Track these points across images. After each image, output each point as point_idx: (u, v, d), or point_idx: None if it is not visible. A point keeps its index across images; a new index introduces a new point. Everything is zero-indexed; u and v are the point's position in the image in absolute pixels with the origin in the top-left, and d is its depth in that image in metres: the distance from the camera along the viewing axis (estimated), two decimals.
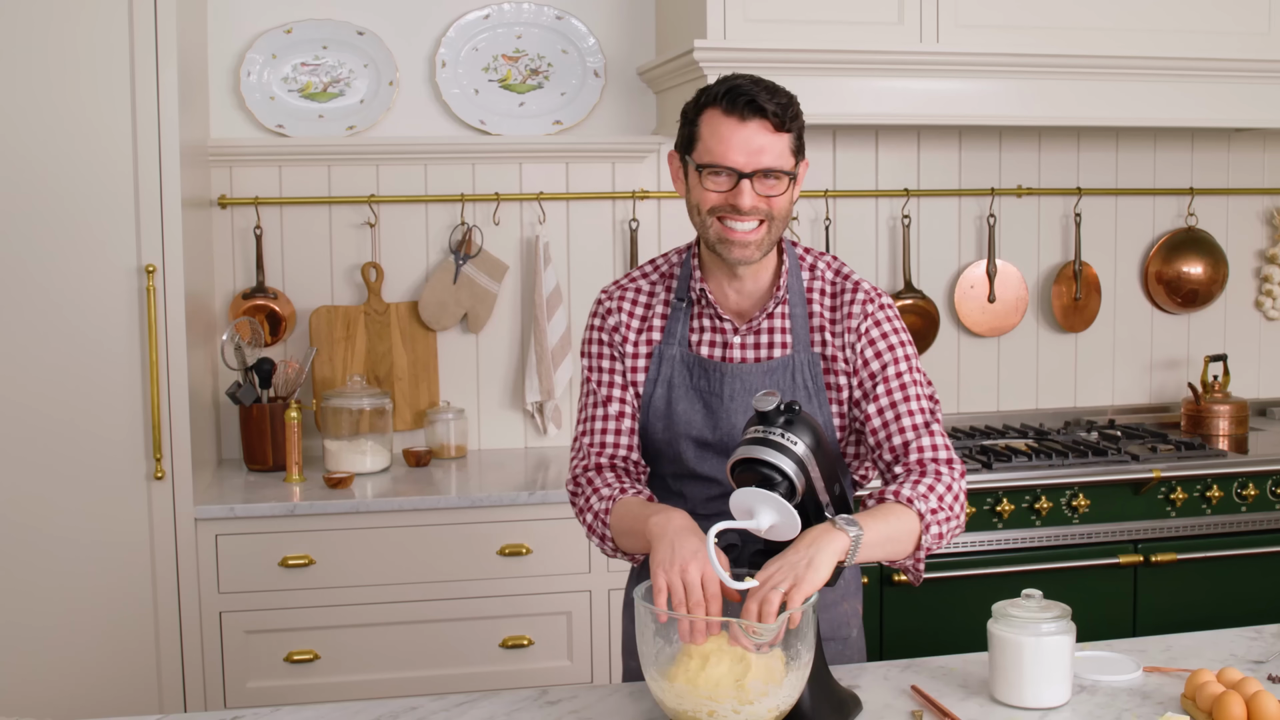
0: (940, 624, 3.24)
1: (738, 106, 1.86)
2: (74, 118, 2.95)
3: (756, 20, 3.29)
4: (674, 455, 2.02)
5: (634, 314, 2.07)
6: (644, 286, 2.09)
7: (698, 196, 1.92)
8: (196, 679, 3.08)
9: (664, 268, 2.10)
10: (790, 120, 1.89)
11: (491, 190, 3.69)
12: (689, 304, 2.04)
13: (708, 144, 1.89)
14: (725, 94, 1.88)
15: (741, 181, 1.87)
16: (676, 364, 2.01)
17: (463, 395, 3.73)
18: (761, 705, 1.60)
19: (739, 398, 1.98)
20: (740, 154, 1.87)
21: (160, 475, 3.02)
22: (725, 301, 2.03)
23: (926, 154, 3.93)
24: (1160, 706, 1.84)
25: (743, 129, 1.86)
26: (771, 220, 1.91)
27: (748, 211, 1.88)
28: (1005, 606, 1.87)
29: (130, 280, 3.00)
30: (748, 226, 1.90)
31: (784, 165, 1.89)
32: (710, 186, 1.90)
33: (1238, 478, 3.43)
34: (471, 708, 1.88)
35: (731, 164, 1.87)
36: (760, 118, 1.86)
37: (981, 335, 3.99)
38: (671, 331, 2.02)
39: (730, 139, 1.87)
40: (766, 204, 1.90)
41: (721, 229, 1.91)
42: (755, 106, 1.86)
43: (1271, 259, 4.18)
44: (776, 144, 1.88)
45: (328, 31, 3.58)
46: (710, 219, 1.92)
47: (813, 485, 1.75)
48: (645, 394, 2.03)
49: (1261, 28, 3.58)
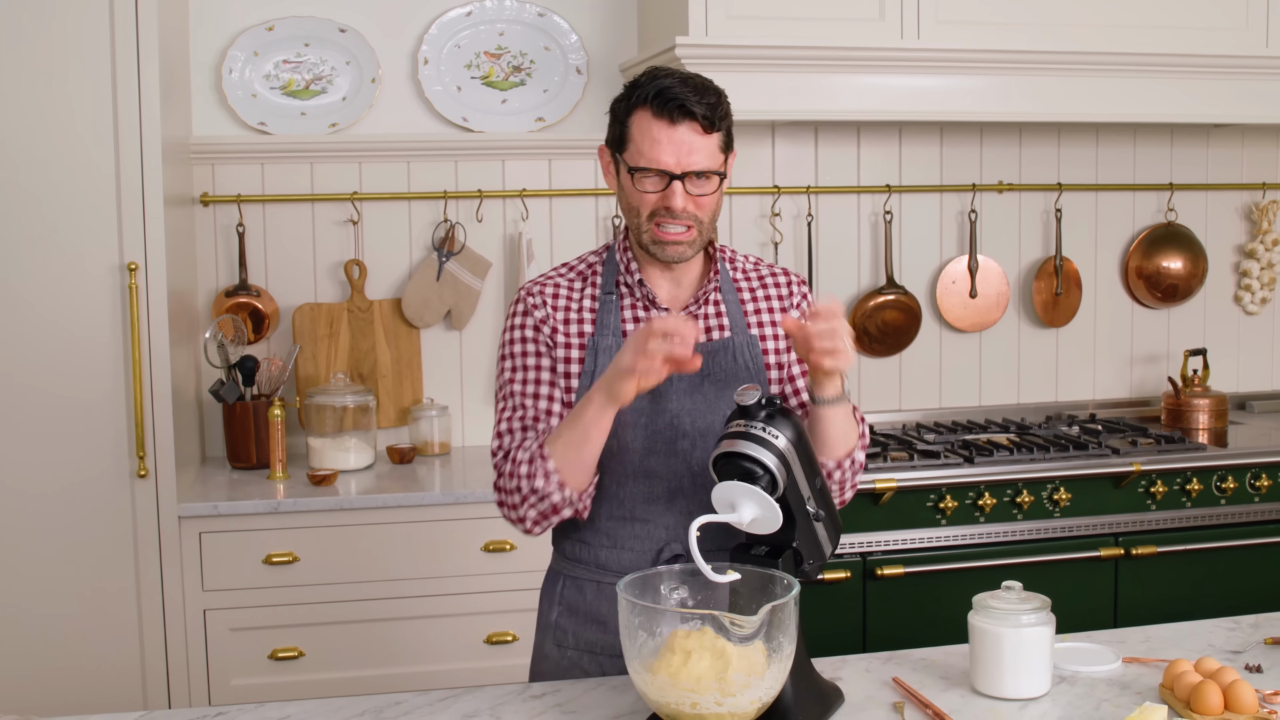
0: (922, 617, 3.25)
1: (668, 109, 1.88)
2: (55, 115, 2.95)
3: (738, 17, 3.30)
4: (618, 447, 1.99)
5: (558, 307, 2.04)
6: (563, 283, 2.07)
7: (635, 200, 1.95)
8: (181, 677, 3.08)
9: (580, 267, 2.10)
10: (719, 120, 1.92)
11: (474, 187, 3.69)
12: (618, 295, 2.04)
13: (639, 146, 1.92)
14: (655, 96, 1.89)
15: (673, 183, 1.91)
16: (614, 353, 2.00)
17: (446, 392, 3.74)
18: (744, 697, 1.61)
19: (685, 379, 1.98)
20: (671, 156, 1.90)
21: (144, 473, 3.02)
22: (659, 291, 2.05)
23: (908, 150, 3.94)
24: (1139, 696, 1.86)
25: (673, 131, 1.89)
26: (700, 223, 1.95)
27: (680, 213, 1.92)
28: (985, 598, 1.89)
29: (112, 278, 3.00)
30: (680, 228, 1.94)
31: (714, 165, 1.93)
32: (643, 188, 1.93)
33: (1217, 471, 3.45)
34: (455, 702, 1.88)
35: (663, 166, 1.90)
36: (690, 120, 1.89)
37: (963, 330, 4.01)
38: (604, 323, 2.02)
39: (661, 141, 1.89)
40: (695, 204, 1.93)
41: (656, 231, 1.95)
42: (685, 110, 1.88)
43: (1250, 254, 4.21)
44: (707, 145, 1.91)
45: (310, 29, 3.58)
46: (647, 224, 1.95)
47: (794, 479, 1.76)
48: (582, 387, 2.01)
49: (1240, 23, 3.61)
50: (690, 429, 1.98)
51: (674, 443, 1.98)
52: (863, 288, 3.95)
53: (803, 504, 1.79)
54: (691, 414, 1.98)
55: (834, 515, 1.88)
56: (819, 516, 1.82)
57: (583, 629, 2.06)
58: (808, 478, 1.79)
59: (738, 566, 1.72)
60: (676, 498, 1.98)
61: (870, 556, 3.25)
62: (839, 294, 3.92)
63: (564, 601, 2.08)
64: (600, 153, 2.04)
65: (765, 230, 3.85)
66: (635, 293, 2.04)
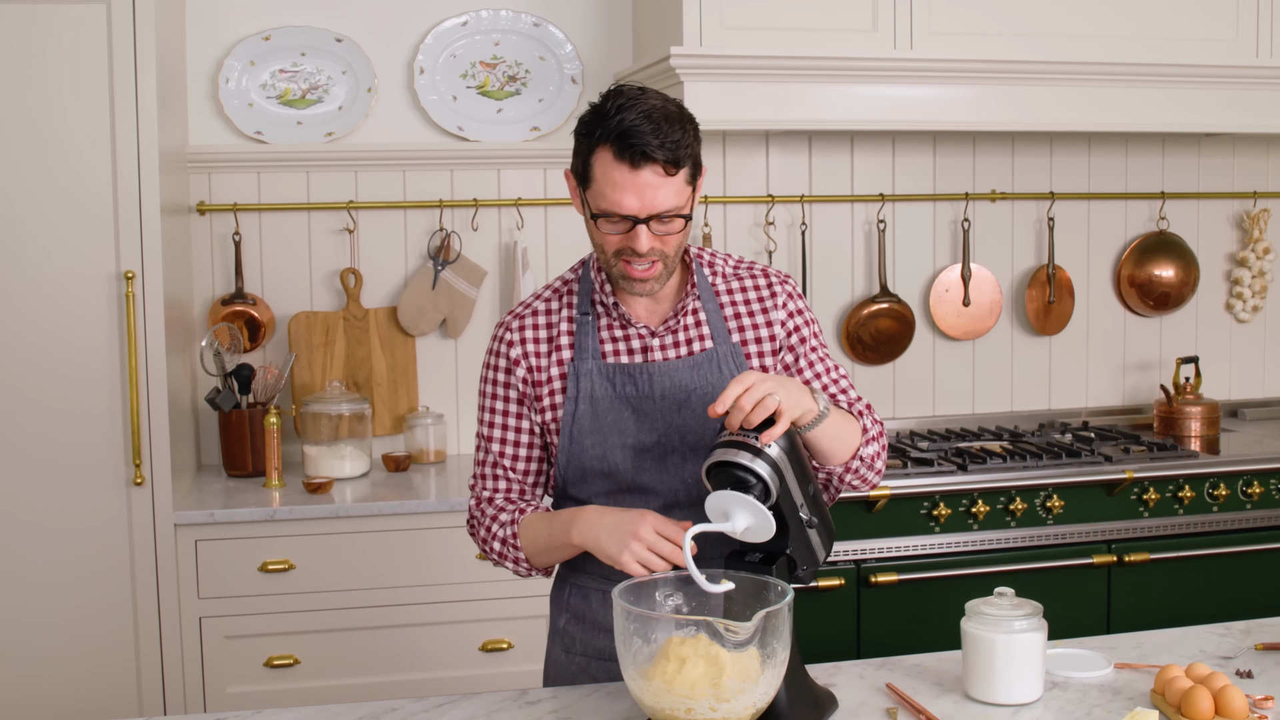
0: (916, 624, 3.26)
1: (629, 154, 1.82)
2: (53, 124, 2.96)
3: (732, 27, 3.31)
4: (609, 469, 1.98)
5: (539, 338, 2.04)
6: (540, 308, 2.06)
7: (598, 239, 1.93)
8: (176, 684, 3.08)
9: (558, 285, 2.09)
10: (684, 158, 1.86)
11: (470, 196, 3.70)
12: (595, 316, 2.02)
13: (601, 188, 1.86)
14: (618, 137, 1.82)
15: (637, 226, 1.87)
16: (596, 377, 1.99)
17: (442, 400, 3.75)
18: (738, 703, 1.62)
19: (670, 396, 1.98)
20: (634, 200, 1.85)
21: (140, 481, 3.03)
22: (636, 309, 2.03)
23: (901, 159, 3.96)
24: (1130, 702, 1.87)
25: (635, 177, 1.83)
26: (666, 257, 1.92)
27: (645, 254, 1.89)
28: (978, 604, 1.90)
29: (109, 286, 3.01)
30: (645, 265, 1.91)
31: (679, 205, 1.88)
32: (607, 231, 1.90)
33: (1209, 478, 3.47)
34: (452, 709, 1.89)
35: (627, 211, 1.85)
36: (652, 164, 1.83)
37: (956, 339, 4.03)
38: (583, 347, 2.00)
39: (624, 186, 1.84)
40: (661, 242, 1.89)
41: (625, 268, 1.92)
42: (646, 155, 1.82)
43: (1242, 262, 4.23)
44: (669, 186, 1.86)
45: (306, 38, 3.59)
46: (615, 260, 1.92)
47: (787, 487, 1.77)
48: (567, 413, 1.99)
49: (1231, 34, 3.63)
50: (679, 444, 1.98)
51: (663, 459, 1.98)
52: (856, 296, 3.96)
53: (796, 511, 1.80)
54: (680, 430, 1.98)
55: (827, 521, 1.89)
56: (812, 523, 1.83)
57: (590, 636, 2.07)
58: (800, 485, 1.80)
59: (732, 575, 1.73)
60: (673, 510, 1.98)
61: (864, 564, 3.26)
62: (832, 302, 3.93)
63: (570, 609, 2.10)
64: (567, 177, 1.98)
65: (759, 239, 3.86)
66: (611, 312, 2.02)
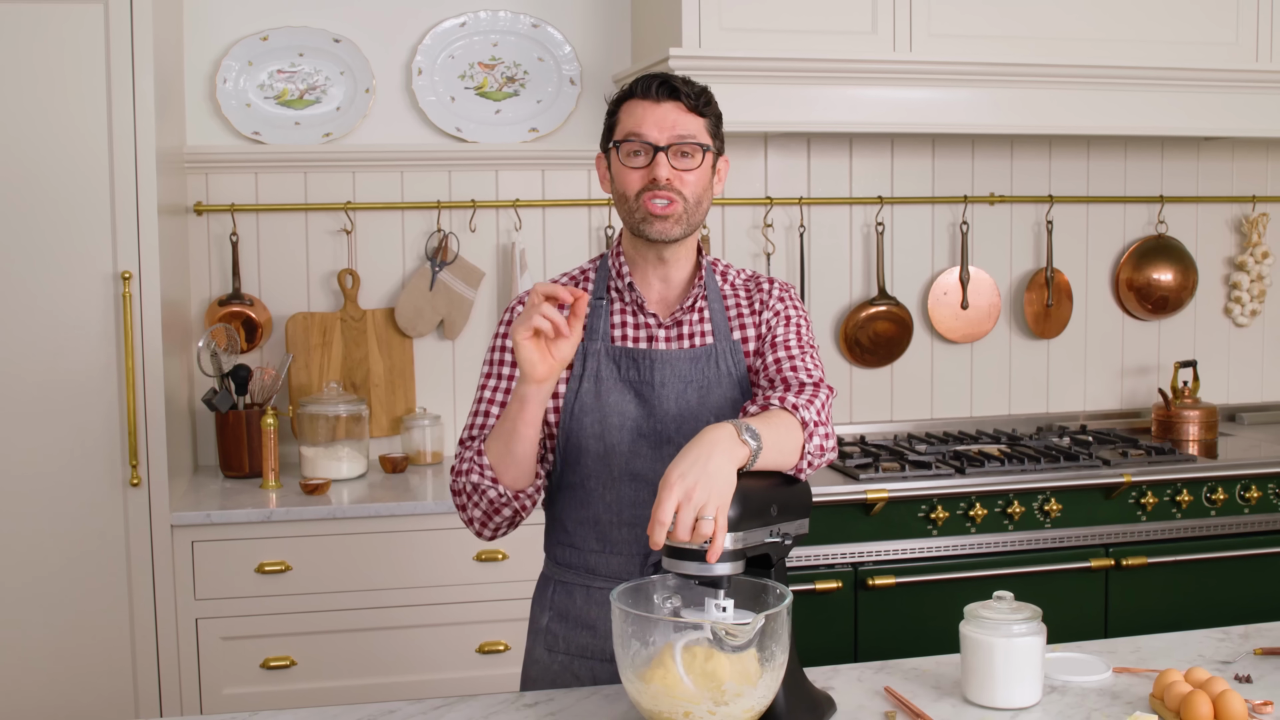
0: (914, 627, 3.26)
1: (653, 90, 1.98)
2: (50, 124, 2.95)
3: (731, 29, 3.31)
4: (605, 450, 2.02)
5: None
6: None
7: (621, 182, 2.01)
8: (173, 685, 3.07)
9: (575, 273, 2.16)
10: (704, 105, 2.00)
11: (468, 197, 3.70)
12: (609, 301, 2.09)
13: (625, 124, 2.00)
14: (641, 81, 2.00)
15: (658, 154, 1.96)
16: (603, 358, 2.05)
17: (439, 402, 3.74)
18: (737, 706, 1.61)
19: (670, 384, 2.02)
20: (655, 128, 1.97)
21: (136, 482, 3.02)
22: (649, 293, 2.08)
23: (900, 162, 3.96)
24: (1129, 706, 1.87)
25: (658, 108, 1.97)
26: (685, 200, 1.98)
27: (664, 186, 1.96)
28: (977, 608, 1.90)
29: (106, 287, 3.00)
30: (663, 201, 1.97)
31: (698, 137, 1.98)
32: (628, 163, 1.98)
33: (1207, 482, 3.47)
34: (449, 711, 1.88)
35: (648, 138, 1.97)
36: (674, 99, 1.97)
37: (954, 341, 4.02)
38: (594, 329, 2.07)
39: (645, 117, 1.98)
40: (679, 180, 1.97)
41: (645, 206, 1.98)
42: (669, 88, 1.97)
43: (1240, 266, 4.23)
44: (691, 121, 1.98)
45: (304, 39, 3.59)
46: (637, 204, 1.99)
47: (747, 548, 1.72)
48: (570, 390, 2.04)
49: (1230, 37, 3.63)
50: (675, 434, 2.01)
51: (659, 448, 2.01)
52: (854, 299, 3.96)
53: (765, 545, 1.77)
54: (677, 420, 2.01)
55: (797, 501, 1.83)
56: (786, 535, 1.80)
57: (573, 634, 2.08)
58: (761, 524, 1.75)
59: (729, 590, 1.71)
60: None
61: (861, 567, 3.25)
62: (830, 305, 3.93)
63: (554, 607, 2.10)
64: (598, 162, 2.09)
65: (757, 241, 3.86)
66: (625, 297, 2.07)
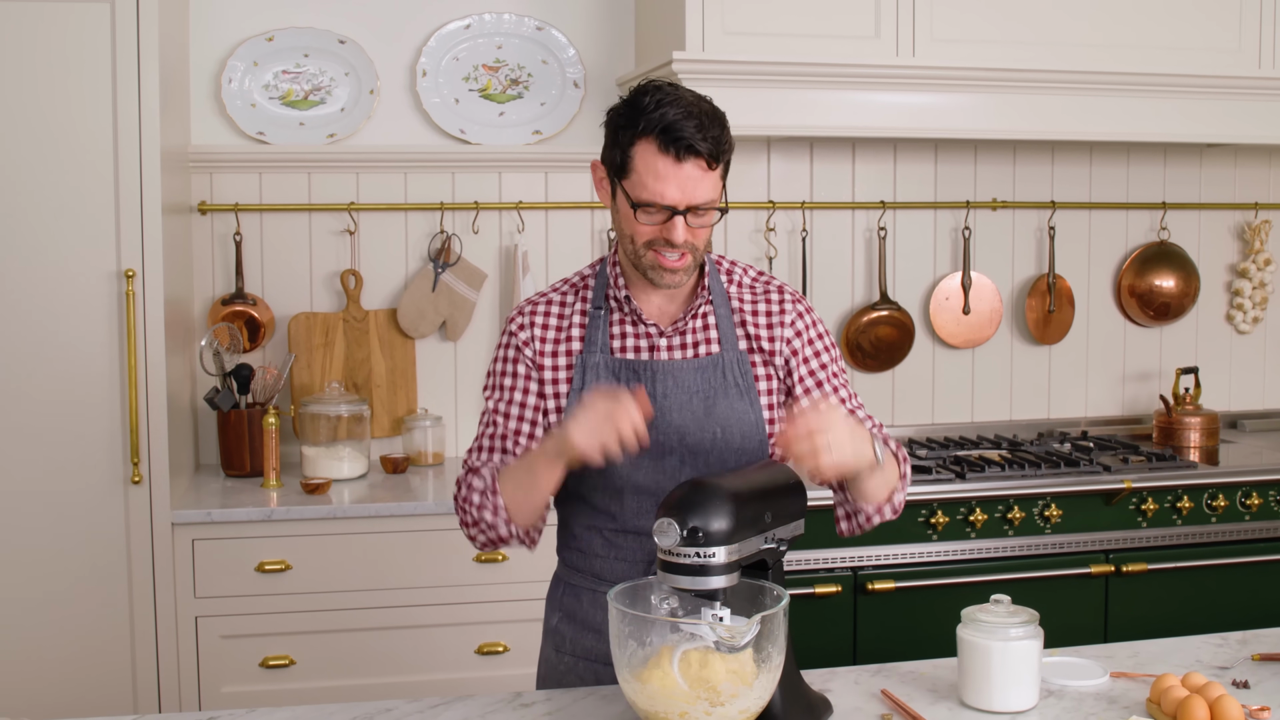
0: (912, 632, 3.26)
1: (675, 147, 1.88)
2: (55, 122, 2.96)
3: (735, 33, 3.32)
4: (606, 463, 1.97)
5: (548, 326, 2.07)
6: (555, 299, 2.10)
7: (631, 228, 1.96)
8: (172, 683, 3.08)
9: (575, 280, 2.12)
10: (723, 154, 1.93)
11: (471, 199, 3.71)
12: (608, 310, 2.06)
13: (643, 179, 1.91)
14: (662, 130, 1.88)
15: (675, 218, 1.91)
16: (602, 370, 2.02)
17: (440, 403, 3.75)
18: (733, 707, 1.62)
19: (672, 395, 2.00)
20: (676, 193, 1.90)
21: (138, 480, 3.03)
22: (649, 306, 2.06)
23: (902, 167, 3.96)
24: (1126, 710, 1.86)
25: (679, 169, 1.88)
26: (696, 250, 1.97)
27: (680, 245, 1.93)
28: (974, 612, 1.90)
29: (110, 285, 3.01)
30: (676, 255, 1.95)
31: (715, 199, 1.94)
32: (645, 221, 1.93)
33: (1208, 489, 3.46)
34: (446, 710, 1.89)
35: (668, 203, 1.90)
36: (695, 158, 1.88)
37: (956, 347, 4.03)
38: (592, 340, 2.04)
39: (667, 178, 1.89)
40: (693, 235, 1.94)
41: (656, 258, 1.95)
42: (692, 149, 1.87)
43: (1242, 273, 4.23)
44: (708, 180, 1.91)
45: (309, 40, 3.60)
46: (645, 250, 1.96)
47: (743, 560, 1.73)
48: (569, 404, 2.02)
49: (1234, 44, 3.63)
50: (678, 445, 2.00)
51: (661, 459, 2.00)
52: (856, 303, 3.96)
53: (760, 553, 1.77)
54: (680, 431, 1.99)
55: (790, 506, 1.84)
56: (781, 540, 1.80)
57: (579, 636, 2.08)
58: (756, 534, 1.75)
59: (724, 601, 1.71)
60: None
61: (861, 571, 3.25)
62: (832, 309, 3.93)
63: (563, 608, 2.12)
64: (594, 168, 2.03)
65: (760, 245, 3.87)
66: (624, 308, 2.05)
